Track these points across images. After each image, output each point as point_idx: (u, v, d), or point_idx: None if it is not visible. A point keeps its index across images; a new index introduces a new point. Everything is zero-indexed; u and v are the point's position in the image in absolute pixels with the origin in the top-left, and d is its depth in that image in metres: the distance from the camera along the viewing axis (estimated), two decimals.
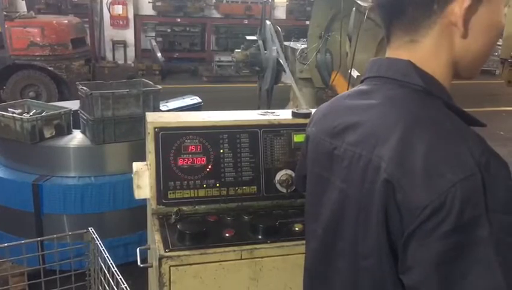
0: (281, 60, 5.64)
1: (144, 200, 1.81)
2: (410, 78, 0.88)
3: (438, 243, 0.75)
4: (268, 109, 1.98)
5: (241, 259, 1.53)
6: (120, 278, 1.69)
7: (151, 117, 1.78)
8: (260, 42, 6.16)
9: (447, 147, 0.79)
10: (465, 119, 0.86)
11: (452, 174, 0.75)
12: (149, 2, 10.86)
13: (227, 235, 1.58)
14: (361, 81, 0.99)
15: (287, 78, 6.26)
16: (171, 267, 1.47)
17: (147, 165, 1.74)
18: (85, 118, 3.16)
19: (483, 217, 0.74)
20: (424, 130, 0.81)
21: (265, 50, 6.14)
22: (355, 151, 0.90)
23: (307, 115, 1.83)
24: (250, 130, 1.79)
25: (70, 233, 2.18)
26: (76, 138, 3.20)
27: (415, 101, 0.87)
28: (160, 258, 1.46)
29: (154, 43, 10.40)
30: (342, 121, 0.97)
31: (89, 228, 2.05)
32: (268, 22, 6.09)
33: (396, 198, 0.79)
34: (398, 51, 0.92)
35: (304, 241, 1.16)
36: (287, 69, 5.40)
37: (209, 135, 1.75)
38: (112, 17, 10.30)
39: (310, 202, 1.09)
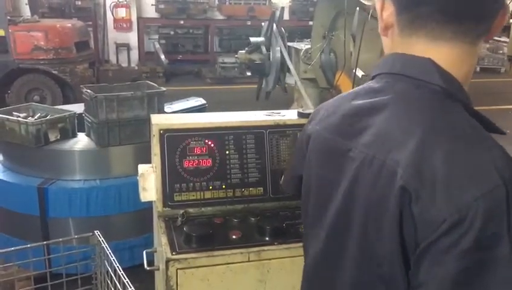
0: (287, 62, 5.64)
1: (150, 202, 1.80)
2: (429, 77, 0.82)
3: (456, 261, 0.71)
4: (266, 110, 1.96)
5: (248, 261, 1.52)
6: (127, 282, 1.67)
7: (156, 119, 1.77)
8: (264, 50, 6.15)
9: (469, 156, 0.74)
10: (485, 126, 0.81)
11: (475, 188, 0.71)
12: (152, 5, 10.86)
13: (234, 237, 1.57)
14: (372, 78, 0.93)
15: (290, 79, 6.25)
16: (178, 270, 1.46)
17: (152, 167, 1.73)
18: (90, 121, 3.15)
19: (504, 234, 0.70)
20: (444, 137, 0.76)
21: (268, 51, 6.13)
22: (368, 153, 0.84)
23: None
24: (256, 130, 1.78)
25: (76, 236, 2.17)
26: (81, 141, 3.20)
27: (433, 103, 0.81)
28: (167, 261, 1.45)
29: (157, 45, 10.39)
30: (353, 121, 0.91)
31: (95, 231, 2.04)
32: (274, 27, 6.08)
33: (411, 207, 0.74)
34: (434, 49, 0.84)
35: None
36: (293, 71, 5.39)
37: (215, 136, 1.74)
38: (115, 20, 10.31)
39: (313, 204, 1.02)
